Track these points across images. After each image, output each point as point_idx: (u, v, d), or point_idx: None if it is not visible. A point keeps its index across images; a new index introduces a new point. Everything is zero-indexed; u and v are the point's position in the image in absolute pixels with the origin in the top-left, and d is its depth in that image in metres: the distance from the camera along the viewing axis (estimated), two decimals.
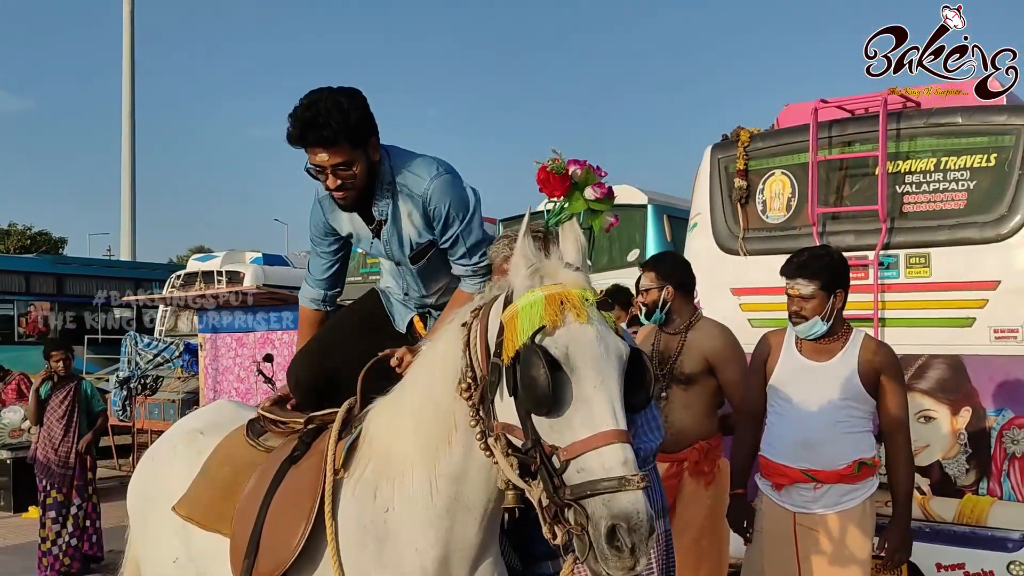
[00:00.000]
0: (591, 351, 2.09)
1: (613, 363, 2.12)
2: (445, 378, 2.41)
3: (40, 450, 7.56)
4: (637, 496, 1.96)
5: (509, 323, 2.18)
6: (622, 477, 1.97)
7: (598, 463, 2.00)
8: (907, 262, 5.65)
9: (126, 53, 27.14)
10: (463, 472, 2.41)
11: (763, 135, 6.30)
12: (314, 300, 3.51)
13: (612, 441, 2.01)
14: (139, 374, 11.54)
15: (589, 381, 2.07)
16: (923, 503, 5.55)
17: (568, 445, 2.04)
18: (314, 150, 2.93)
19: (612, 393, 2.08)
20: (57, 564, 7.25)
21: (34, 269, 17.57)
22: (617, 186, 8.39)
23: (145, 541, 3.44)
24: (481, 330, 2.32)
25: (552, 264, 2.25)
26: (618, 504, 1.95)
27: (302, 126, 2.89)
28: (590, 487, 1.99)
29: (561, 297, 2.15)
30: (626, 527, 1.94)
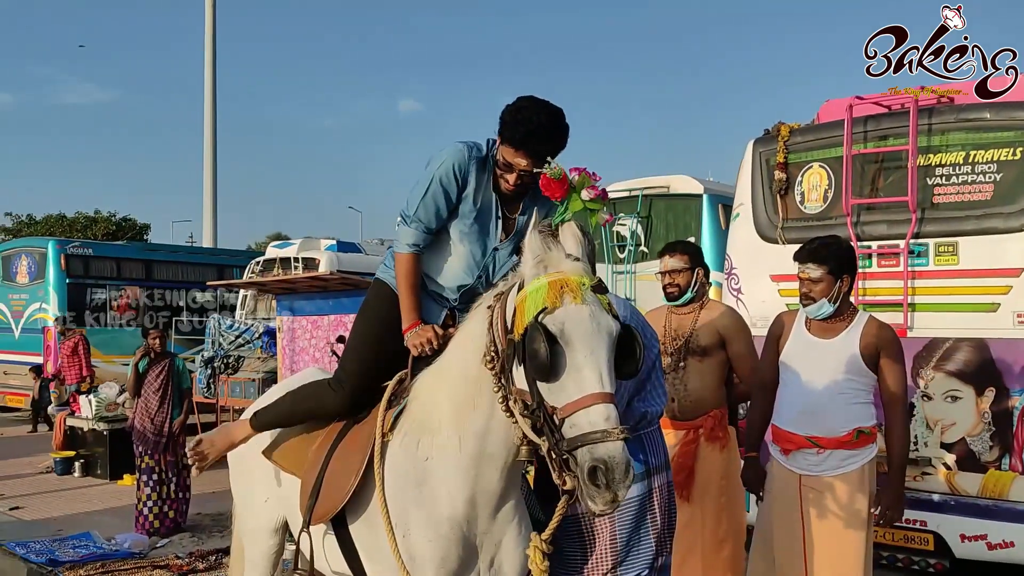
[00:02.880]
0: (583, 327, 2.51)
1: (603, 338, 2.52)
2: (474, 351, 2.84)
3: (137, 420, 8.28)
4: (616, 445, 2.39)
5: (520, 306, 2.62)
6: (604, 430, 2.40)
7: (586, 419, 2.43)
8: (936, 250, 5.96)
9: (208, 45, 28.04)
10: (487, 430, 2.85)
11: (802, 130, 6.63)
12: (419, 244, 3.34)
13: (598, 402, 2.44)
14: (222, 354, 12.22)
15: (580, 352, 2.49)
16: (949, 477, 5.88)
17: (563, 405, 2.48)
18: (523, 155, 3.06)
19: (600, 362, 2.49)
20: (147, 524, 7.96)
21: (125, 256, 18.45)
22: (674, 176, 8.82)
23: (240, 481, 4.04)
24: (500, 312, 2.76)
25: (555, 255, 2.66)
26: (599, 450, 2.39)
27: (526, 134, 3.03)
28: (580, 439, 2.42)
29: (561, 283, 2.57)
30: (604, 468, 2.37)
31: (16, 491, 10.10)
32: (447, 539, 2.98)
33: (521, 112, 3.07)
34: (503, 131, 3.12)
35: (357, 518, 3.25)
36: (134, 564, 6.88)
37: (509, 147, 3.09)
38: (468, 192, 3.25)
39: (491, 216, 3.30)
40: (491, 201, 3.28)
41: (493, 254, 3.36)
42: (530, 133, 3.04)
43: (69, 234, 36.15)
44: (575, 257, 2.67)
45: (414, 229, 3.30)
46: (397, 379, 3.35)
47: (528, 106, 3.08)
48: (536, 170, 2.95)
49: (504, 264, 3.37)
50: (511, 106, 3.11)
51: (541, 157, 2.96)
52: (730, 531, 4.56)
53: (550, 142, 3.06)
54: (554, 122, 3.08)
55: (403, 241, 3.33)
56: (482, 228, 3.31)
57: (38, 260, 17.02)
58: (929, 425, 5.92)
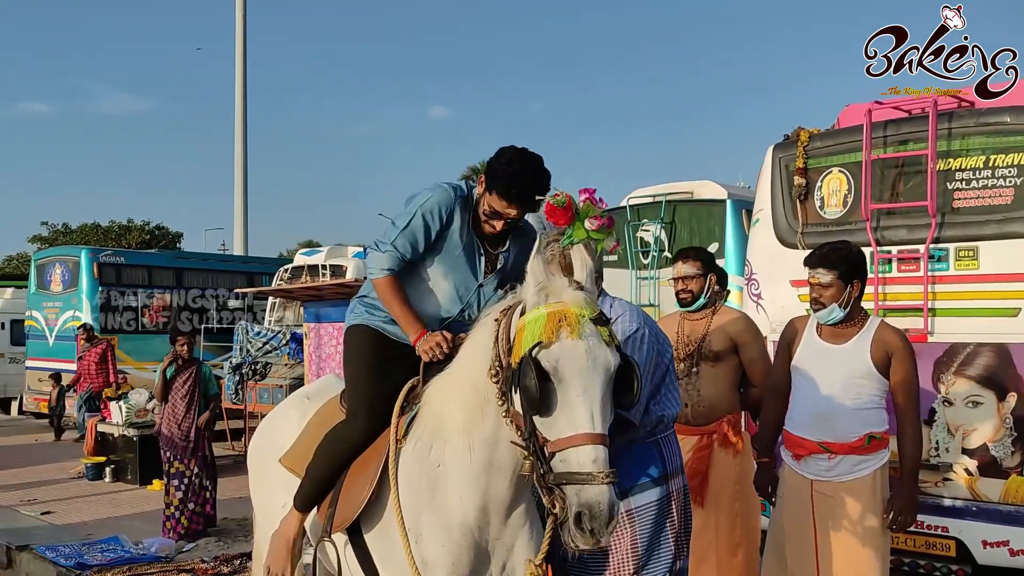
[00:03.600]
0: (578, 365, 2.52)
1: (599, 374, 2.53)
2: (482, 363, 2.87)
3: (165, 425, 8.42)
4: (602, 490, 2.42)
5: (518, 334, 2.65)
6: (591, 473, 2.43)
7: (575, 459, 2.47)
8: (956, 255, 5.92)
9: (238, 55, 28.41)
10: (495, 439, 2.88)
11: (821, 135, 6.62)
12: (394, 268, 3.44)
13: (587, 443, 2.47)
14: (250, 361, 12.37)
15: (574, 390, 2.51)
16: (970, 483, 5.84)
17: (554, 440, 2.52)
18: (511, 205, 3.25)
19: (593, 401, 2.51)
20: (178, 526, 8.08)
21: (156, 264, 18.73)
22: (698, 182, 8.86)
23: (259, 489, 4.10)
24: (504, 330, 2.79)
25: (557, 283, 2.67)
26: (585, 495, 2.43)
27: (521, 190, 3.23)
28: (567, 477, 2.47)
29: (560, 315, 2.57)
30: (589, 514, 2.42)
31: (48, 496, 10.29)
32: (459, 545, 3.02)
33: (512, 166, 3.23)
34: (495, 184, 3.26)
35: (372, 525, 3.30)
36: (160, 568, 6.99)
37: (501, 200, 3.25)
38: (453, 229, 3.39)
39: (475, 253, 3.44)
40: (473, 239, 3.42)
41: (479, 290, 3.48)
42: (524, 189, 3.22)
43: (104, 243, 36.68)
44: (578, 285, 2.68)
45: (388, 255, 3.40)
46: (409, 385, 3.39)
47: (517, 159, 3.25)
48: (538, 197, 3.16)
49: (490, 299, 3.47)
50: (500, 160, 3.28)
51: (529, 208, 3.25)
52: (744, 536, 4.58)
53: (540, 193, 3.25)
54: (541, 176, 3.26)
55: (378, 267, 3.41)
56: (468, 264, 3.44)
57: (71, 268, 17.30)
58: (950, 431, 5.88)
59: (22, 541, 7.95)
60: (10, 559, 7.78)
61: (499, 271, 3.51)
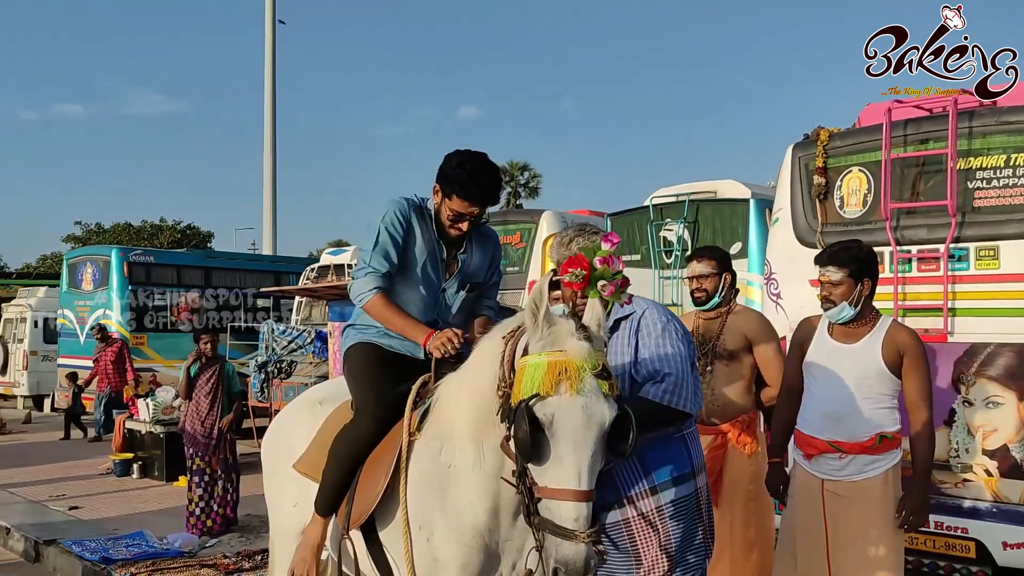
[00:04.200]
0: (572, 422, 2.53)
1: (591, 432, 2.55)
2: (490, 379, 2.89)
3: (188, 422, 8.53)
4: (579, 548, 2.47)
5: (518, 375, 2.66)
6: (572, 530, 2.48)
7: (557, 512, 2.52)
8: (977, 255, 5.87)
9: (267, 57, 28.63)
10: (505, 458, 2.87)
11: (841, 134, 6.59)
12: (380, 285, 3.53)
13: (571, 499, 2.51)
14: (275, 359, 12.48)
15: (564, 446, 2.54)
16: (990, 484, 5.79)
17: (542, 487, 2.56)
18: (473, 204, 3.46)
19: (582, 459, 2.54)
20: (199, 524, 8.18)
21: (185, 263, 18.95)
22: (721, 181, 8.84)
23: (273, 487, 4.15)
24: (509, 353, 2.81)
25: (562, 330, 2.66)
26: (562, 551, 2.48)
27: (481, 189, 3.46)
28: (549, 525, 2.53)
29: (561, 367, 2.57)
30: (564, 570, 2.48)
31: (76, 491, 10.44)
32: (469, 547, 3.05)
33: (465, 168, 3.45)
34: (453, 188, 3.44)
35: (387, 521, 3.34)
36: (183, 563, 7.08)
37: (463, 201, 3.45)
38: (414, 237, 3.57)
39: (437, 259, 3.61)
40: (434, 246, 3.58)
41: (442, 294, 3.64)
42: (483, 187, 3.46)
43: (136, 242, 37.10)
44: (584, 335, 2.66)
45: (370, 276, 3.54)
46: (421, 381, 3.42)
47: (468, 161, 3.46)
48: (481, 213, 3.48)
49: (454, 300, 3.65)
50: (452, 165, 3.47)
51: (491, 203, 3.51)
52: (759, 536, 4.57)
53: (497, 192, 3.53)
54: (494, 172, 3.52)
55: (364, 290, 3.53)
56: (433, 271, 3.61)
57: (102, 268, 17.53)
58: (970, 431, 5.84)
59: (50, 536, 8.09)
60: (38, 553, 7.92)
61: (459, 272, 3.64)
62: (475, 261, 3.68)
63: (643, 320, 3.28)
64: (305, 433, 3.92)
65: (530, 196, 46.77)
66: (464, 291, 3.67)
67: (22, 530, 8.41)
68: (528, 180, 47.48)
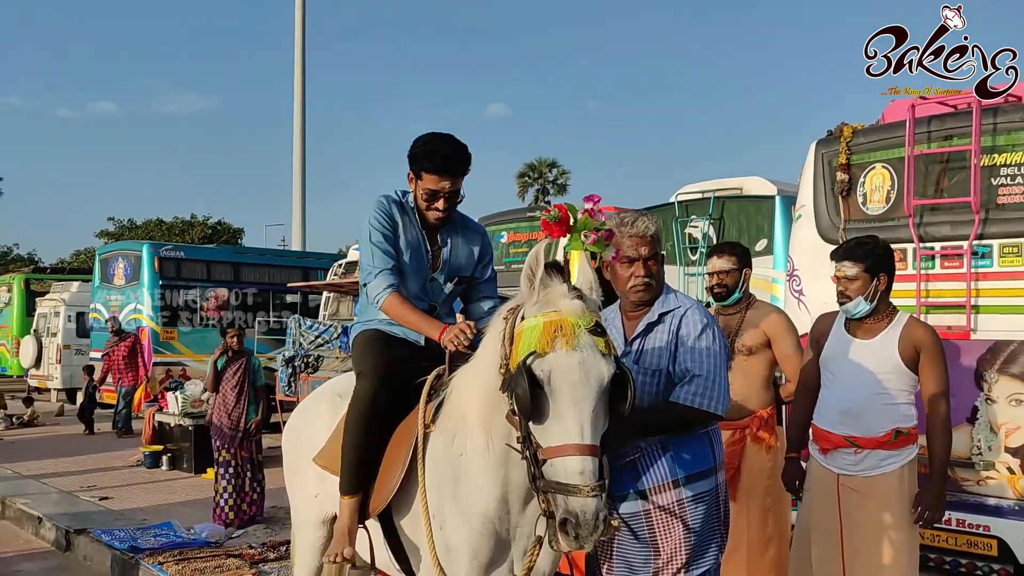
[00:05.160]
0: (571, 377, 2.57)
1: (591, 387, 2.58)
2: (494, 360, 2.93)
3: (215, 415, 8.65)
4: (586, 501, 2.48)
5: (515, 340, 2.72)
6: (577, 485, 2.50)
7: (562, 468, 2.54)
8: (1001, 251, 5.84)
9: (297, 54, 28.79)
10: (511, 433, 2.91)
11: (865, 131, 6.57)
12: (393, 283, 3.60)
13: (575, 453, 2.53)
14: (302, 354, 12.59)
15: (564, 402, 2.57)
16: (1013, 482, 5.76)
17: (545, 448, 2.59)
18: (443, 178, 3.54)
19: (583, 413, 2.57)
20: (223, 515, 8.30)
21: (215, 258, 19.12)
22: (747, 178, 8.83)
23: (293, 478, 4.23)
24: (508, 330, 2.86)
25: (555, 291, 2.72)
26: (570, 504, 2.50)
27: (444, 159, 3.53)
28: (555, 485, 2.54)
29: (556, 325, 2.62)
30: (574, 522, 2.48)
31: (107, 483, 10.62)
32: (479, 534, 3.10)
33: (428, 144, 3.56)
34: (421, 165, 3.54)
35: (403, 511, 3.40)
36: (210, 552, 7.18)
37: (432, 175, 3.55)
38: (399, 232, 3.66)
39: (421, 250, 3.70)
40: (418, 239, 3.66)
41: (430, 285, 3.73)
42: (447, 158, 3.53)
43: (167, 238, 37.49)
44: (576, 293, 2.71)
45: (380, 276, 3.60)
46: (435, 374, 3.48)
47: (430, 139, 3.58)
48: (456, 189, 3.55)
49: (441, 292, 3.73)
50: (416, 146, 3.59)
51: (461, 173, 3.57)
52: (776, 532, 4.59)
53: (464, 162, 3.58)
54: (458, 144, 3.59)
55: (380, 289, 3.58)
56: (418, 264, 3.69)
57: (133, 263, 17.75)
58: (993, 429, 5.81)
59: (80, 525, 8.24)
60: (69, 542, 8.07)
61: (445, 264, 3.72)
62: (461, 255, 3.76)
63: (684, 319, 3.31)
64: (325, 426, 3.99)
65: (558, 193, 46.83)
66: (452, 283, 3.76)
67: (53, 519, 8.57)
68: (556, 177, 47.52)
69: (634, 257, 3.32)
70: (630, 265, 3.33)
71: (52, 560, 7.88)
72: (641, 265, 3.32)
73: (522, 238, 12.84)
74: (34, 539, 8.62)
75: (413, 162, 3.61)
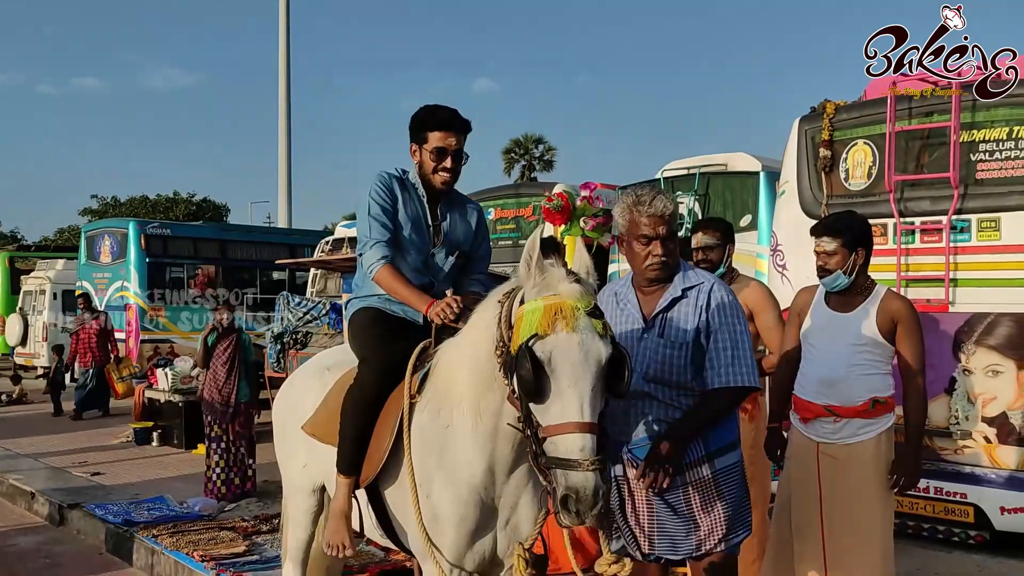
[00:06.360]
0: (571, 357, 2.67)
1: (590, 367, 2.68)
2: (487, 341, 3.02)
3: (206, 391, 8.72)
4: (587, 476, 2.58)
5: (516, 323, 2.80)
6: (577, 460, 2.60)
7: (563, 445, 2.63)
8: (979, 226, 5.98)
9: (282, 29, 28.62)
10: (500, 410, 3.03)
11: (847, 107, 6.68)
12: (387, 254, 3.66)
13: (575, 431, 2.63)
14: (291, 330, 12.63)
15: (565, 381, 2.66)
16: (989, 451, 5.93)
17: (546, 426, 2.69)
18: (449, 134, 3.64)
19: (583, 392, 2.66)
20: (215, 489, 8.39)
21: (202, 236, 19.12)
22: (732, 154, 8.90)
23: (283, 448, 4.32)
24: (506, 314, 2.94)
25: (554, 275, 2.80)
26: (570, 480, 2.59)
27: (449, 114, 3.66)
28: (556, 461, 2.64)
29: (556, 307, 2.71)
30: (575, 498, 2.59)
31: (98, 459, 10.69)
32: (466, 503, 3.20)
33: (429, 108, 3.71)
34: (426, 126, 3.67)
35: (390, 481, 3.49)
36: (203, 525, 7.27)
37: (438, 131, 3.65)
38: (399, 206, 3.73)
39: (422, 224, 3.77)
40: (419, 213, 3.74)
41: (431, 259, 3.80)
42: (451, 114, 3.67)
43: (152, 215, 37.33)
44: (575, 278, 2.81)
45: (375, 247, 3.66)
46: (421, 347, 3.56)
47: (426, 106, 3.72)
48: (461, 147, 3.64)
49: (443, 266, 3.81)
50: (416, 116, 3.72)
51: (465, 130, 3.68)
52: (758, 499, 4.68)
53: (465, 120, 3.70)
54: (444, 107, 3.71)
55: (373, 260, 3.65)
56: (419, 237, 3.76)
57: (120, 240, 17.71)
58: (970, 399, 5.97)
59: (73, 500, 8.31)
60: (62, 516, 8.15)
61: (445, 240, 3.80)
62: (459, 229, 3.84)
63: (712, 294, 3.39)
64: (314, 398, 4.07)
65: (544, 169, 46.77)
66: (453, 257, 3.84)
67: (46, 494, 8.65)
68: (543, 153, 47.46)
69: (652, 236, 3.36)
70: (647, 244, 3.38)
71: (46, 534, 7.96)
72: (659, 244, 3.36)
73: (509, 214, 12.91)
74: (27, 514, 8.69)
75: (417, 128, 3.70)
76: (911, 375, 3.98)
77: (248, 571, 5.97)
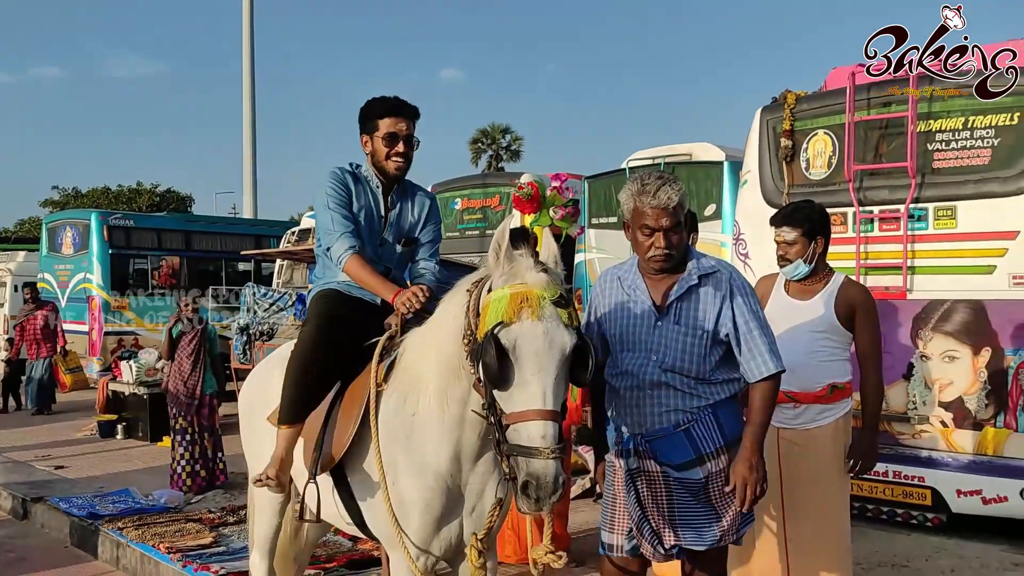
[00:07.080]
0: (535, 346, 2.71)
1: (554, 355, 2.72)
2: (455, 330, 3.06)
3: (171, 383, 8.67)
4: (547, 463, 2.63)
5: (483, 311, 2.84)
6: (538, 448, 2.64)
7: (525, 433, 2.68)
8: (935, 214, 6.10)
9: (245, 19, 28.38)
10: (467, 399, 3.08)
11: (808, 97, 6.76)
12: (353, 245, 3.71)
13: (537, 419, 2.67)
14: (257, 322, 12.59)
15: (529, 369, 2.71)
16: (946, 435, 6.05)
17: (509, 413, 2.73)
18: (399, 119, 3.73)
19: (546, 380, 2.71)
20: (181, 481, 8.36)
21: (166, 227, 18.93)
22: (696, 144, 8.99)
23: (249, 438, 4.33)
24: (473, 302, 2.98)
25: (522, 264, 2.84)
26: (531, 467, 2.64)
27: (396, 101, 3.76)
28: (517, 448, 2.68)
29: (522, 296, 2.75)
30: (535, 484, 2.64)
31: (62, 452, 10.58)
32: (431, 489, 3.24)
33: (376, 99, 3.81)
34: (375, 112, 3.75)
35: (355, 467, 3.52)
36: (169, 517, 7.24)
37: (388, 118, 3.74)
38: (353, 199, 3.80)
39: (373, 215, 3.86)
40: (371, 205, 3.83)
41: (381, 249, 3.87)
42: (398, 100, 3.77)
43: (114, 207, 36.95)
44: (542, 267, 2.84)
45: (341, 239, 3.70)
46: (387, 335, 3.59)
47: (378, 96, 3.81)
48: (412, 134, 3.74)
49: (393, 254, 3.89)
50: (366, 103, 3.81)
51: (415, 116, 3.77)
52: None
53: (414, 107, 3.80)
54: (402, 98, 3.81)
55: (342, 250, 3.70)
56: (371, 228, 3.85)
57: (82, 231, 17.51)
58: (927, 384, 6.09)
59: (37, 493, 8.24)
60: (26, 510, 8.08)
61: (392, 226, 3.88)
62: (409, 217, 3.92)
63: (734, 283, 3.36)
64: (277, 389, 4.09)
65: (511, 159, 46.82)
66: (400, 245, 3.91)
67: (9, 488, 8.56)
68: (510, 143, 47.48)
69: (655, 228, 3.26)
70: (650, 236, 3.29)
71: (9, 528, 7.89)
72: (662, 236, 3.26)
73: (475, 204, 12.93)
74: None
75: (367, 118, 3.79)
76: (868, 361, 4.06)
77: (215, 562, 5.96)
